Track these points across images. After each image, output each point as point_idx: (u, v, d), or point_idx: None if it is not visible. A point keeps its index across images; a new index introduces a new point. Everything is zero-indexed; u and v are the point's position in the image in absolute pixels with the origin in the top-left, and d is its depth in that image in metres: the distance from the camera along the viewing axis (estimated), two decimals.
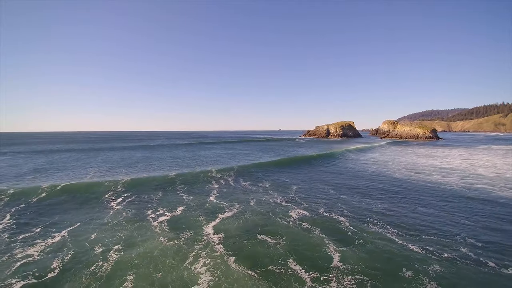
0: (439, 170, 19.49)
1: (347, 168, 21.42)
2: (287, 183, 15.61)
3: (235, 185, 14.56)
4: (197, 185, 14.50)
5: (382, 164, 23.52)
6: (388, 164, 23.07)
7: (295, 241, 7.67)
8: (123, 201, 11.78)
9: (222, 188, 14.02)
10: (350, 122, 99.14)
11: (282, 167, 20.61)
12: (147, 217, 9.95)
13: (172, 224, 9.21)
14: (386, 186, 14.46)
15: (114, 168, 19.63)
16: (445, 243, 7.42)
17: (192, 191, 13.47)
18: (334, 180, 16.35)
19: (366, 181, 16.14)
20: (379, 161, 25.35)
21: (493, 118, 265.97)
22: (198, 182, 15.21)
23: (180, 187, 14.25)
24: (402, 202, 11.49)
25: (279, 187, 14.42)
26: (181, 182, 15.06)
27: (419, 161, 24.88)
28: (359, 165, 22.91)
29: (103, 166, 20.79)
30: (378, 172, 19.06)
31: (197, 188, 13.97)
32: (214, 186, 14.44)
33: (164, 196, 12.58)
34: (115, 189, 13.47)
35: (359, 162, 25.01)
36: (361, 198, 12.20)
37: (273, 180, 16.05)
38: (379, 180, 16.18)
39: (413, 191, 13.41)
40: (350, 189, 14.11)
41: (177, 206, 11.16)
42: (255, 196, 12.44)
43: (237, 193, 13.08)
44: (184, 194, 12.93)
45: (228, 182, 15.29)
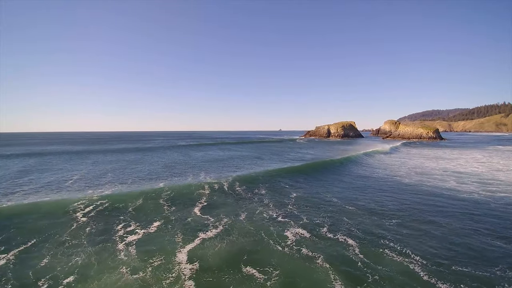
0: (453, 175, 17.74)
1: (359, 174, 19.54)
2: (286, 191, 13.89)
3: (226, 196, 12.78)
4: (183, 195, 12.70)
5: (392, 167, 21.79)
6: (396, 167, 21.35)
7: (290, 275, 5.96)
8: (92, 214, 10.06)
9: (211, 199, 12.22)
10: (351, 122, 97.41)
11: (285, 175, 17.80)
12: (115, 235, 8.25)
13: (141, 247, 7.51)
14: (398, 195, 12.75)
15: (96, 177, 17.66)
16: (485, 278, 5.71)
17: (175, 202, 11.72)
18: (339, 189, 14.63)
19: (375, 190, 14.41)
20: (391, 165, 23.61)
21: (494, 118, 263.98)
22: (184, 191, 13.43)
23: (164, 195, 12.53)
24: (420, 216, 9.76)
25: (276, 198, 12.67)
26: (165, 191, 13.34)
27: (429, 164, 23.10)
28: (372, 170, 20.88)
29: (85, 174, 18.94)
30: (386, 177, 17.35)
31: (182, 199, 12.22)
32: (202, 196, 12.61)
33: (142, 207, 10.86)
34: (88, 200, 11.75)
35: (372, 167, 22.54)
36: (371, 212, 10.47)
37: (271, 190, 14.18)
38: (387, 186, 14.48)
39: (430, 201, 11.69)
40: (357, 200, 12.38)
41: (154, 220, 9.45)
42: (247, 210, 10.72)
43: (227, 205, 11.33)
44: (166, 205, 11.21)
45: (220, 192, 13.45)
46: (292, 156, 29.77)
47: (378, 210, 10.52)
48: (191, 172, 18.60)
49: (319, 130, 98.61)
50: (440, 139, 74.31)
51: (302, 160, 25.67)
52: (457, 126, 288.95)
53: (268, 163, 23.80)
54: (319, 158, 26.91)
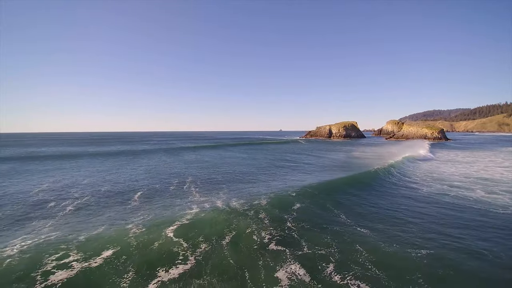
0: (478, 182, 15.57)
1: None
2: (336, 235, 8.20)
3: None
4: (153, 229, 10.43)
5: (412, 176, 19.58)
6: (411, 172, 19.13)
7: None
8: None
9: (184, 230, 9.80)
10: (353, 122, 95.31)
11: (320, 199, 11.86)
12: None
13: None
14: (417, 207, 10.61)
15: (50, 201, 13.43)
16: None
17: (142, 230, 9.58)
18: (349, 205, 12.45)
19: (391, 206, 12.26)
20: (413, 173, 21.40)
21: (496, 118, 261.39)
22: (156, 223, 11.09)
23: (134, 207, 10.39)
24: (454, 242, 7.61)
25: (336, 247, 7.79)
26: (135, 207, 11.20)
27: (446, 169, 20.88)
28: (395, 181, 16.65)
29: (47, 189, 16.65)
30: (398, 183, 15.19)
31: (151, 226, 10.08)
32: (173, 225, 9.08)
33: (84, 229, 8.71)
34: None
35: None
36: (383, 233, 8.33)
37: (311, 226, 9.32)
38: (401, 195, 12.36)
39: (458, 217, 9.55)
40: (369, 216, 10.24)
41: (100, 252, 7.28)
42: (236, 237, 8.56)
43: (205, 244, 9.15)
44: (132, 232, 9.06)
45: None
46: (306, 167, 22.72)
47: (396, 231, 8.37)
48: (177, 192, 13.58)
49: (320, 131, 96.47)
50: (446, 139, 72.10)
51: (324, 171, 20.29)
52: (459, 126, 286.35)
53: (286, 175, 18.27)
54: (353, 166, 21.75)
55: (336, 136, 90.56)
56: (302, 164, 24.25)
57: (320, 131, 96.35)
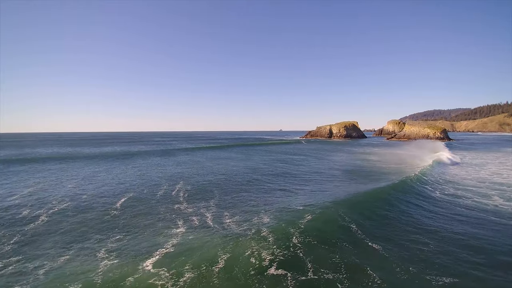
0: (494, 188, 14.48)
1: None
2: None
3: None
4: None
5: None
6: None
7: None
8: None
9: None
10: (354, 122, 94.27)
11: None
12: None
13: None
14: (430, 212, 9.54)
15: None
16: None
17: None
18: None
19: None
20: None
21: (497, 118, 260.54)
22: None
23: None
24: (477, 269, 6.53)
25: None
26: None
27: (457, 172, 19.74)
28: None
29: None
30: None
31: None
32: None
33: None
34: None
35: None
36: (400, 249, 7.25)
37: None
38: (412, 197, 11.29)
39: (478, 227, 8.48)
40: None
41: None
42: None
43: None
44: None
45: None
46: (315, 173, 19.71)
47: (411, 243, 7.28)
48: (163, 202, 11.97)
49: (321, 131, 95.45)
50: (448, 139, 71.02)
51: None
52: (460, 126, 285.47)
53: (290, 184, 15.89)
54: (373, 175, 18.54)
55: (336, 136, 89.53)
56: (307, 169, 21.87)
57: (320, 131, 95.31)
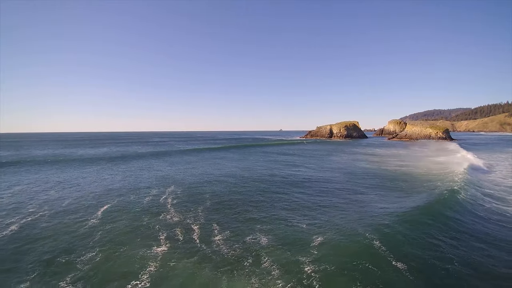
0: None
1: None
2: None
3: None
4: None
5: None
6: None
7: None
8: None
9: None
10: (355, 122, 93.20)
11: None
12: None
13: None
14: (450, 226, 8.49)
15: None
16: None
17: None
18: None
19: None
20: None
21: (498, 117, 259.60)
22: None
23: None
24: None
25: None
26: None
27: (474, 175, 18.66)
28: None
29: None
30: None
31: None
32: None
33: None
34: None
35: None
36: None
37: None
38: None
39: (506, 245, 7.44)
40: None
41: None
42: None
43: None
44: None
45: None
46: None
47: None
48: (148, 214, 10.39)
49: (321, 130, 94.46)
50: (450, 139, 70.04)
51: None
52: (460, 126, 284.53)
53: (297, 194, 13.42)
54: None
55: (337, 136, 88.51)
56: (310, 175, 19.00)
57: (320, 131, 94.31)
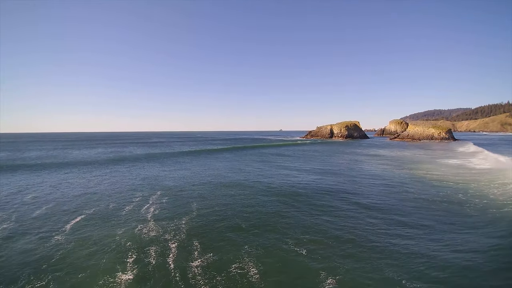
0: None
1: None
2: None
3: None
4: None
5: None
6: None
7: None
8: None
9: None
10: (356, 122, 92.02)
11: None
12: None
13: None
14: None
15: None
16: None
17: None
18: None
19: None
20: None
21: (499, 117, 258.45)
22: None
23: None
24: None
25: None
26: None
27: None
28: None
29: None
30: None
31: None
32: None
33: None
34: None
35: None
36: None
37: None
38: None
39: None
40: None
41: None
42: None
43: None
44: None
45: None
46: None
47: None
48: (124, 227, 9.16)
49: (321, 131, 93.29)
50: (453, 139, 68.81)
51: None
52: (461, 126, 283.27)
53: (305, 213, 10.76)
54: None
55: (337, 136, 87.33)
56: (315, 186, 15.61)
57: (321, 131, 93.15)
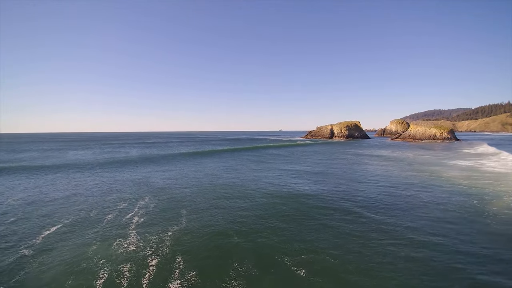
0: None
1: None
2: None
3: None
4: None
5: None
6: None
7: None
8: None
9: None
10: (356, 122, 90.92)
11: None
12: None
13: None
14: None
15: None
16: None
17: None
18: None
19: None
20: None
21: (500, 117, 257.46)
22: None
23: None
24: None
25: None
26: None
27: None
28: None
29: None
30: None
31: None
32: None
33: None
34: None
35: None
36: None
37: None
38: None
39: None
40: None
41: None
42: None
43: None
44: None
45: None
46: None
47: None
48: (101, 242, 8.14)
49: (321, 131, 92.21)
50: (456, 139, 67.75)
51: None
52: (462, 126, 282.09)
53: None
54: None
55: (338, 136, 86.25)
56: (321, 193, 13.34)
57: (321, 131, 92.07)
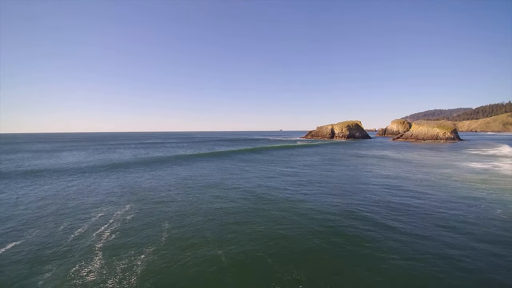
0: None
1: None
2: None
3: None
4: None
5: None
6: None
7: None
8: None
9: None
10: (357, 122, 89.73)
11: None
12: None
13: None
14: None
15: None
16: None
17: None
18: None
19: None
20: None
21: (501, 117, 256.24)
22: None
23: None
24: None
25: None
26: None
27: None
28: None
29: None
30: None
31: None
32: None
33: None
34: None
35: None
36: None
37: None
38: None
39: None
40: None
41: None
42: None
43: None
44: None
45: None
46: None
47: None
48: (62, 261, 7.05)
49: (322, 131, 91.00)
50: (459, 139, 66.59)
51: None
52: (462, 126, 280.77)
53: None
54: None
55: (338, 136, 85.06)
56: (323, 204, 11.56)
57: (321, 131, 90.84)
